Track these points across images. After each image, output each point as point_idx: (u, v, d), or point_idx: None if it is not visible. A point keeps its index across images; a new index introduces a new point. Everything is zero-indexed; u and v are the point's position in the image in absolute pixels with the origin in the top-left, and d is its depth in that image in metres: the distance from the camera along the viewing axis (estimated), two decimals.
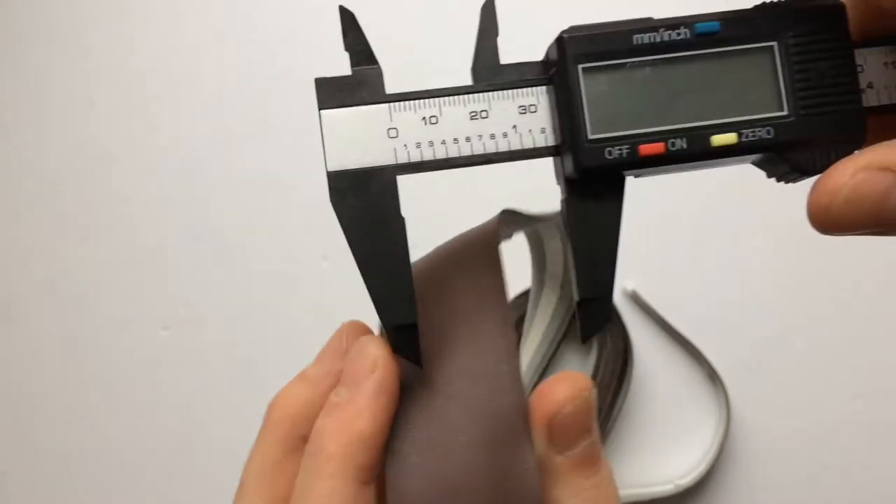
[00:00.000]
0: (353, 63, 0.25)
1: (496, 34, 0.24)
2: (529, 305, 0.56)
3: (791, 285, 0.60)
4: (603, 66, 0.23)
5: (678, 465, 0.59)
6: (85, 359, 0.66)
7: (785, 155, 0.24)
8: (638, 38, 0.23)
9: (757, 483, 0.59)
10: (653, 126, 0.23)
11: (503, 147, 0.24)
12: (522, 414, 0.23)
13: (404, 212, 0.24)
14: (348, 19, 0.26)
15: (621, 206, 0.24)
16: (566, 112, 0.23)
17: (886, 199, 0.20)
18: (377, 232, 0.24)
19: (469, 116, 0.24)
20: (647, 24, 0.23)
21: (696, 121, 0.23)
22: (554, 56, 0.24)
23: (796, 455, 0.59)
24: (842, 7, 0.24)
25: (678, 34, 0.23)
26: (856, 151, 0.23)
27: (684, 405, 0.60)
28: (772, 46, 0.23)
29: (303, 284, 0.62)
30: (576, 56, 0.23)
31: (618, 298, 0.59)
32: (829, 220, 0.21)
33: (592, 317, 0.25)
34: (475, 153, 0.24)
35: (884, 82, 0.24)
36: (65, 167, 0.68)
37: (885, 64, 0.24)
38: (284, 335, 0.61)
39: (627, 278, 0.60)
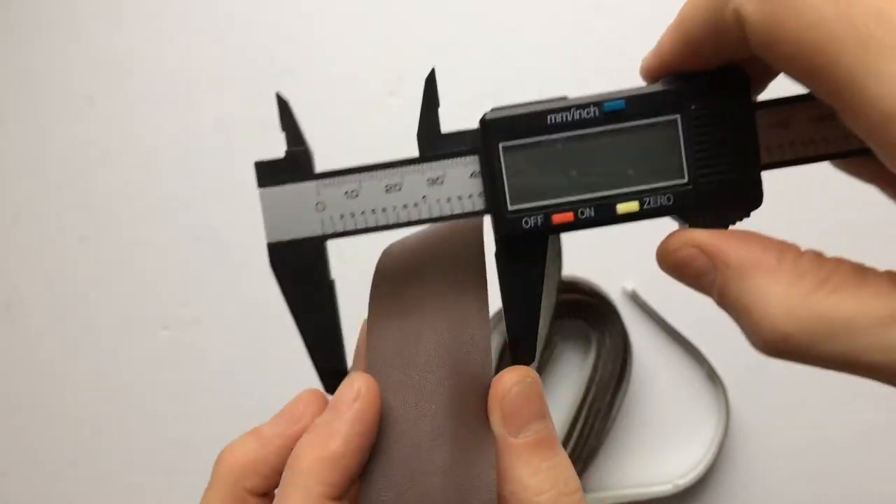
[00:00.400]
0: (288, 144, 0.28)
1: (437, 104, 0.27)
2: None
3: None
4: (520, 144, 0.26)
5: (677, 465, 0.59)
6: (85, 359, 0.66)
7: (684, 218, 0.26)
8: (552, 118, 0.26)
9: (756, 483, 0.59)
10: (565, 196, 0.26)
11: (415, 216, 0.27)
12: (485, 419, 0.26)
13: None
14: (283, 106, 0.28)
15: (543, 262, 0.27)
16: (490, 185, 0.26)
17: (701, 277, 0.24)
18: (309, 293, 0.27)
19: (385, 189, 0.27)
20: (561, 105, 0.26)
21: (603, 191, 0.26)
22: (478, 135, 0.27)
23: (795, 455, 0.59)
24: (742, 74, 0.25)
25: (588, 113, 0.26)
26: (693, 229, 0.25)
27: (684, 405, 0.60)
28: (675, 119, 0.25)
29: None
30: (497, 136, 0.26)
31: (618, 298, 0.60)
32: (662, 267, 0.26)
33: (521, 351, 0.27)
34: (390, 222, 0.27)
35: (808, 135, 0.26)
36: (65, 167, 0.68)
37: (810, 118, 0.26)
38: (284, 335, 0.61)
39: (627, 278, 0.60)
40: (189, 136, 0.67)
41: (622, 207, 0.26)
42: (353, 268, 0.33)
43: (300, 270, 0.27)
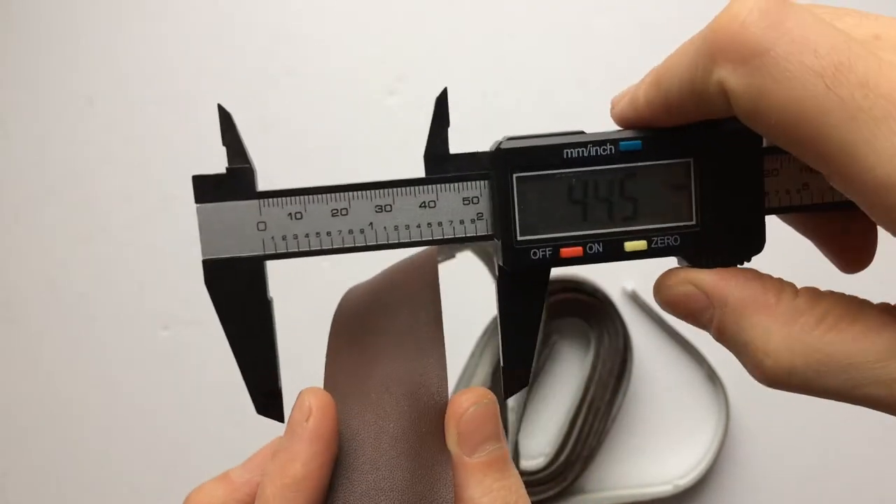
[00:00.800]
0: (229, 161, 0.27)
1: (447, 124, 0.27)
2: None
3: None
4: (535, 175, 0.26)
5: (677, 465, 0.59)
6: (85, 358, 0.66)
7: (689, 259, 0.26)
8: (568, 153, 0.26)
9: (756, 483, 0.59)
10: (574, 231, 0.26)
11: (360, 242, 0.26)
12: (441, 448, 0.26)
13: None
14: (225, 119, 0.28)
15: (545, 294, 0.27)
16: (500, 214, 0.26)
17: (698, 314, 0.25)
18: (245, 313, 0.27)
19: (330, 213, 0.26)
20: (578, 140, 0.26)
21: (613, 227, 0.26)
22: (484, 164, 0.27)
23: (795, 455, 0.59)
24: (758, 136, 0.25)
25: (604, 150, 0.26)
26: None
27: (684, 405, 0.60)
28: (688, 163, 0.26)
29: (301, 284, 0.62)
30: (512, 166, 0.26)
31: (618, 298, 0.60)
32: (658, 302, 0.26)
33: (513, 382, 0.27)
34: (335, 246, 0.26)
35: (793, 184, 0.26)
36: (65, 167, 0.68)
37: (801, 169, 0.26)
38: (283, 335, 0.61)
39: (627, 278, 0.60)
40: (189, 135, 0.67)
41: (630, 245, 0.26)
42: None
43: (236, 290, 0.27)
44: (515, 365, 0.27)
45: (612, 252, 0.26)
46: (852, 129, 0.19)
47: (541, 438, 0.60)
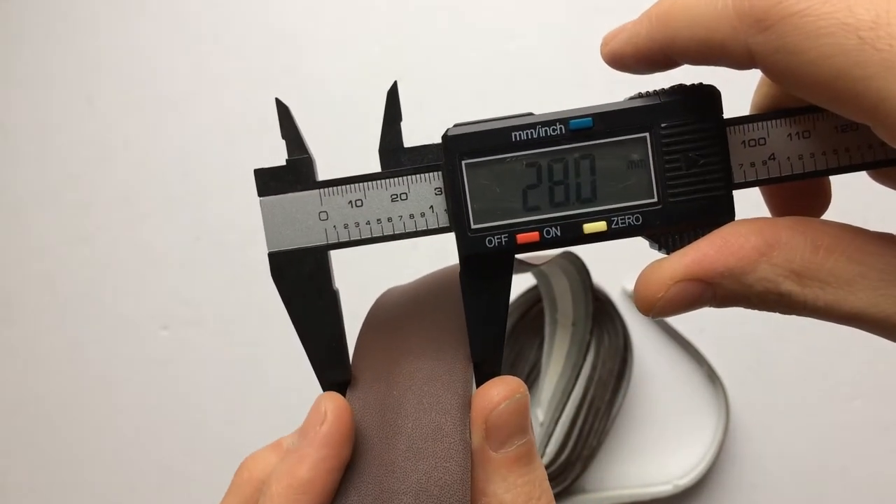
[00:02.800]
0: (289, 152, 0.27)
1: (400, 118, 0.27)
2: (546, 345, 0.59)
3: None
4: (484, 161, 0.25)
5: (677, 465, 0.59)
6: (85, 359, 0.66)
7: (654, 238, 0.26)
8: (516, 135, 0.25)
9: (756, 483, 0.59)
10: (530, 215, 0.25)
11: (421, 226, 0.26)
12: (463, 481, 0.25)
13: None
14: (283, 112, 0.28)
15: (509, 283, 0.26)
16: (453, 202, 0.26)
17: (697, 303, 0.24)
18: (312, 303, 0.27)
19: (390, 198, 0.26)
20: (526, 122, 0.25)
21: (569, 210, 0.25)
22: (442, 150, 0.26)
23: (796, 455, 0.59)
24: (714, 93, 0.25)
25: (553, 130, 0.25)
26: (673, 254, 0.24)
27: (684, 405, 0.60)
28: (644, 138, 0.25)
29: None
30: (460, 153, 0.25)
31: (617, 298, 0.60)
32: (652, 316, 0.25)
33: (483, 376, 0.27)
34: (396, 232, 0.26)
35: (787, 153, 0.25)
36: (65, 167, 0.68)
37: (790, 136, 0.25)
38: (284, 335, 0.61)
39: (627, 278, 0.60)
40: (189, 135, 0.67)
41: (589, 227, 0.25)
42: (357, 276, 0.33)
43: (303, 281, 0.27)
44: (483, 355, 0.27)
45: (571, 235, 0.25)
46: (890, 78, 0.19)
47: (540, 438, 0.60)
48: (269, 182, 0.27)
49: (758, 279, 0.23)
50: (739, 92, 0.28)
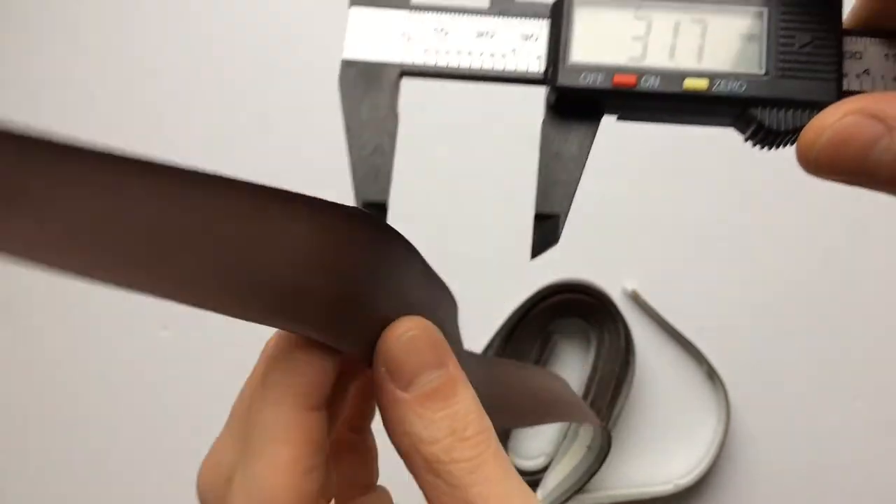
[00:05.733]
0: None
1: None
2: (560, 451, 0.58)
3: (791, 285, 0.60)
4: (597, 1, 0.25)
5: (678, 464, 0.59)
6: (85, 359, 0.66)
7: (753, 112, 0.24)
8: None
9: (756, 483, 0.59)
10: (632, 62, 0.25)
11: (499, 66, 0.26)
12: None
13: None
14: None
15: (592, 139, 0.25)
16: (556, 37, 0.25)
17: (871, 148, 0.21)
18: (371, 118, 0.26)
19: (476, 34, 0.26)
20: None
21: (675, 64, 0.25)
22: None
23: (796, 455, 0.59)
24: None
25: None
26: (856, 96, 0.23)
27: (684, 405, 0.60)
28: (762, 12, 0.25)
29: None
30: None
31: (618, 298, 0.60)
32: (811, 158, 0.22)
33: (545, 232, 0.26)
34: (474, 67, 0.26)
35: (881, 72, 0.25)
36: None
37: (886, 55, 0.25)
38: None
39: (628, 278, 0.60)
40: (189, 135, 0.67)
41: (690, 83, 0.24)
42: None
43: (369, 95, 0.26)
44: (551, 209, 0.25)
45: (669, 88, 0.24)
46: None
47: (541, 438, 0.60)
48: None
49: None
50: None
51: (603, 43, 0.25)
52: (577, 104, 0.25)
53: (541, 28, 0.26)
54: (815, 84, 0.24)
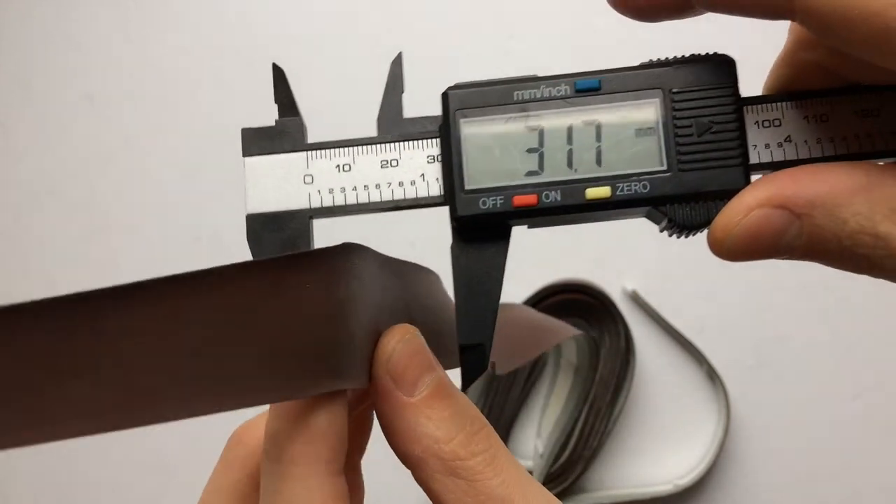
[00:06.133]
0: (280, 114, 0.26)
1: (402, 90, 0.26)
2: (546, 385, 0.59)
3: (791, 285, 0.60)
4: (483, 119, 0.24)
5: (678, 464, 0.59)
6: None
7: (662, 210, 0.24)
8: (519, 94, 0.24)
9: (756, 483, 0.59)
10: (529, 179, 0.24)
11: (410, 194, 0.25)
12: None
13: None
14: (279, 75, 0.27)
15: (503, 255, 0.24)
16: (447, 163, 0.24)
17: (781, 237, 0.21)
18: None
19: (380, 164, 0.25)
20: (530, 81, 0.24)
21: (571, 174, 0.24)
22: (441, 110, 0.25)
23: (796, 455, 0.59)
24: (730, 61, 0.24)
25: (558, 90, 0.24)
26: (754, 180, 0.22)
27: (684, 405, 0.60)
28: (653, 102, 0.24)
29: None
30: (458, 109, 0.24)
31: (618, 298, 0.60)
32: (723, 252, 0.22)
33: (472, 363, 0.25)
34: (384, 199, 0.25)
35: (803, 136, 0.24)
36: (65, 167, 0.68)
37: (806, 118, 0.24)
38: None
39: (627, 278, 0.60)
40: (189, 135, 0.67)
41: (592, 192, 0.23)
42: None
43: (280, 247, 0.25)
44: (474, 338, 0.24)
45: (572, 201, 0.23)
46: None
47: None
48: (256, 141, 0.26)
49: (853, 213, 0.20)
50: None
51: (497, 162, 0.24)
52: (481, 229, 0.24)
53: (440, 148, 0.25)
54: (721, 172, 0.23)
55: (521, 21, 0.64)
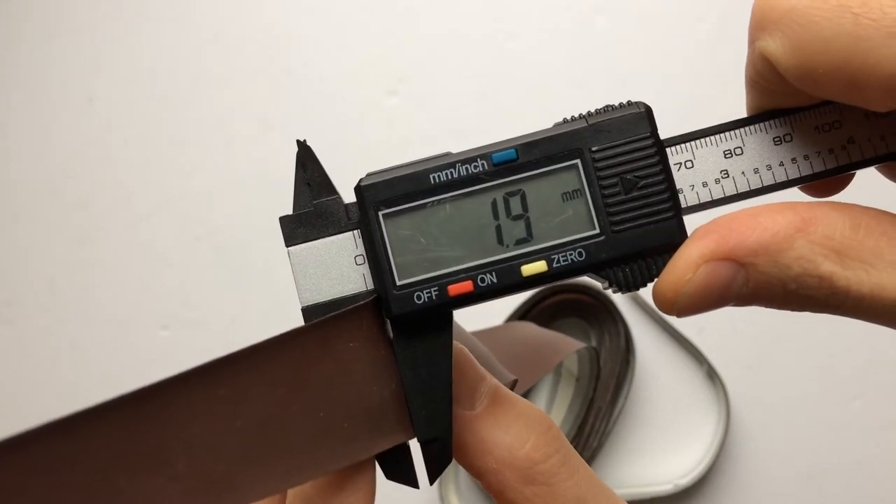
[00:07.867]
0: (314, 195, 0.25)
1: (308, 179, 0.25)
2: (547, 395, 0.59)
3: None
4: (403, 209, 0.23)
5: (678, 464, 0.59)
6: (85, 359, 0.66)
7: (602, 274, 0.23)
8: (435, 177, 0.23)
9: (756, 483, 0.59)
10: (460, 263, 0.23)
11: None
12: None
13: None
14: (305, 152, 0.25)
15: (449, 338, 0.23)
16: (373, 260, 0.23)
17: (729, 288, 0.21)
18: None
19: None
20: (444, 161, 0.23)
21: (503, 253, 0.23)
22: (356, 204, 0.24)
23: (795, 455, 0.59)
24: (644, 111, 0.23)
25: (475, 167, 0.23)
26: (691, 231, 0.22)
27: (684, 405, 0.60)
28: (574, 165, 0.23)
29: None
30: (375, 203, 0.23)
31: (618, 298, 0.60)
32: (673, 311, 0.22)
33: (435, 458, 0.23)
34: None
35: (766, 162, 0.23)
36: (65, 167, 0.68)
37: (776, 140, 0.23)
38: None
39: None
40: (189, 135, 0.67)
41: (528, 269, 0.23)
42: None
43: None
44: (429, 433, 0.23)
45: (509, 281, 0.23)
46: (893, 44, 0.18)
47: None
48: (296, 228, 0.24)
49: (795, 258, 0.20)
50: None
51: (424, 251, 0.23)
52: (420, 322, 0.23)
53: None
54: (655, 227, 0.23)
55: (517, 24, 0.64)
